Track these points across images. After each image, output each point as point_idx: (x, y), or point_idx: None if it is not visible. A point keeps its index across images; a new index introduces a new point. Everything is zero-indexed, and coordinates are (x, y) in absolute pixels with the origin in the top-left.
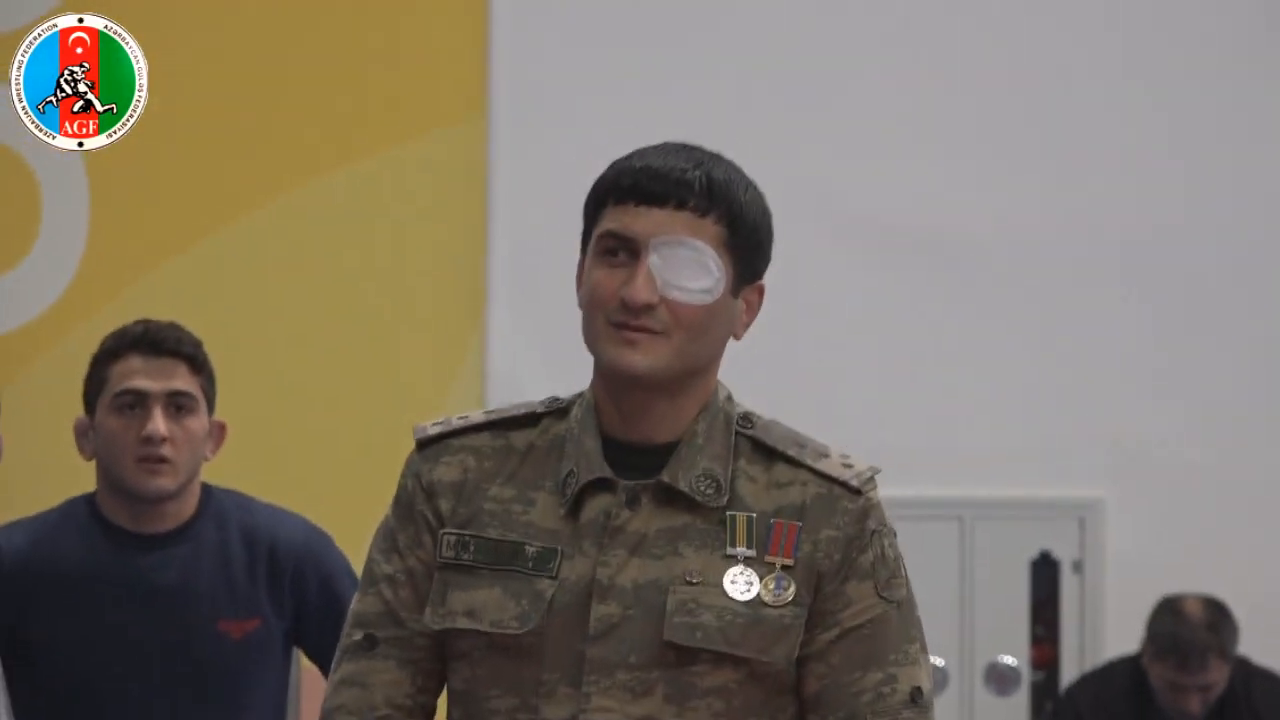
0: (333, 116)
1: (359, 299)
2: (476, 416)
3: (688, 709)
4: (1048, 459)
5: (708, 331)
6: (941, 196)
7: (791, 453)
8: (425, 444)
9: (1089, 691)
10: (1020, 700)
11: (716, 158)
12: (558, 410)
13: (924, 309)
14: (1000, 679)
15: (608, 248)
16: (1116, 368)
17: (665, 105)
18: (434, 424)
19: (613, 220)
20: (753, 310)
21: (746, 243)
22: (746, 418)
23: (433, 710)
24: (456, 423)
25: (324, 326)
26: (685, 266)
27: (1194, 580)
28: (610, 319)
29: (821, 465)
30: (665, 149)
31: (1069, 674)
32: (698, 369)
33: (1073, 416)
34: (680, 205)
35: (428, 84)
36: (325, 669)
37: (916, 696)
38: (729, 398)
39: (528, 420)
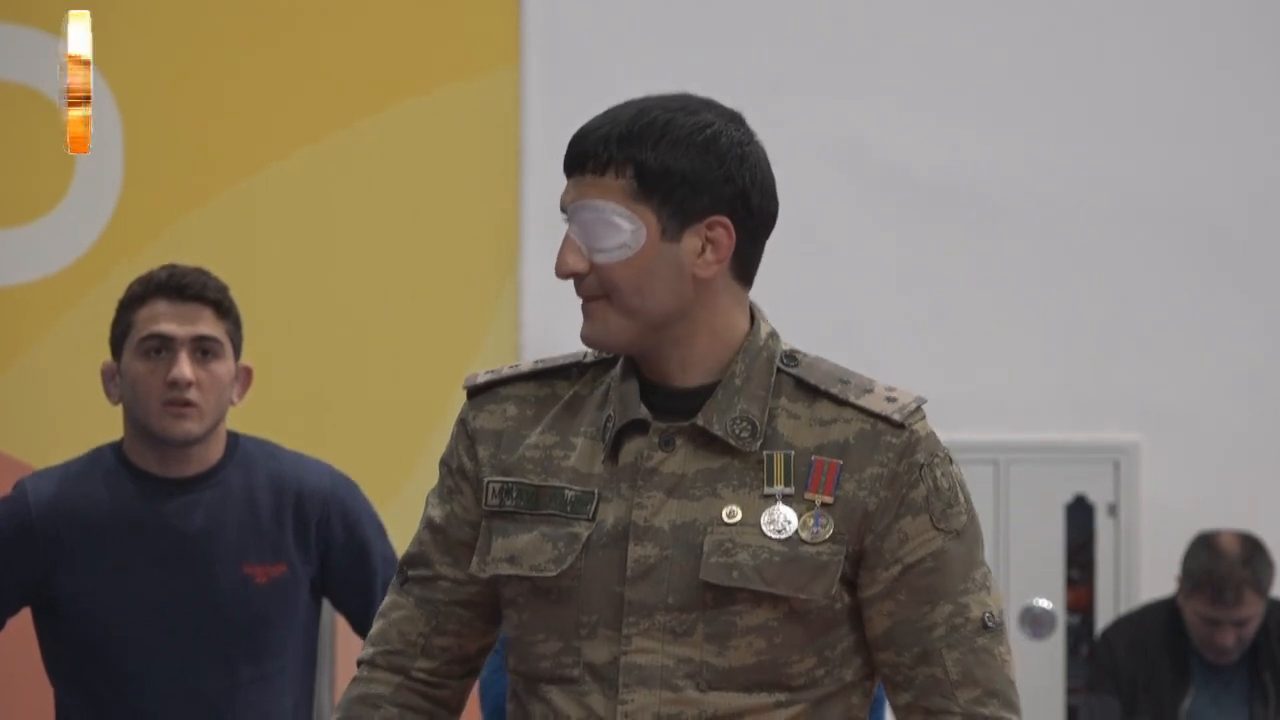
0: (366, 65)
1: (391, 249)
2: (525, 366)
3: (729, 648)
4: (1082, 403)
5: (646, 285)
6: (974, 149)
7: (834, 390)
8: (474, 392)
9: (1124, 634)
10: (1056, 643)
11: (647, 108)
12: (604, 361)
13: (964, 256)
14: (1035, 622)
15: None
16: (1151, 314)
17: (698, 56)
18: (485, 372)
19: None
20: (720, 246)
21: (662, 186)
22: (790, 356)
23: (460, 655)
24: (506, 371)
25: (356, 277)
26: (595, 228)
27: (1228, 524)
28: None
29: (864, 401)
30: (607, 112)
31: (1104, 617)
32: (669, 319)
33: (1107, 361)
34: (583, 169)
35: (461, 32)
36: (349, 616)
37: (988, 621)
38: (773, 334)
39: (574, 370)
